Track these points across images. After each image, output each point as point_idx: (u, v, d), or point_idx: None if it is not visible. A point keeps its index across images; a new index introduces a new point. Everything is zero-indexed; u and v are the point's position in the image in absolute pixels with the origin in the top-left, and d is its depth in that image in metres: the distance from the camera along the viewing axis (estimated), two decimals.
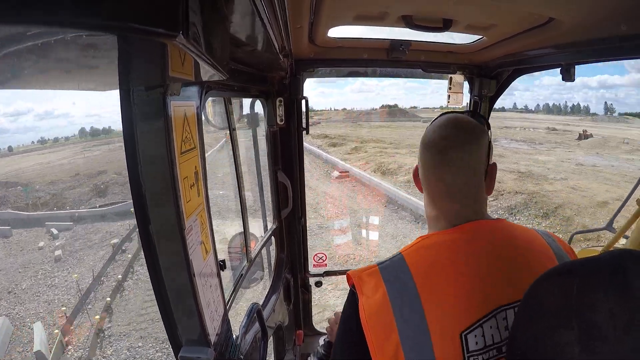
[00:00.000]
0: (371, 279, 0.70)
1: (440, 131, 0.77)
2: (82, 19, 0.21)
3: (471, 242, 0.71)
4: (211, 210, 0.76)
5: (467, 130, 0.76)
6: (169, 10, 0.26)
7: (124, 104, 0.53)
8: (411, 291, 0.66)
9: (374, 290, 0.68)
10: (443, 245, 0.72)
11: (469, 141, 0.75)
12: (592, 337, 0.46)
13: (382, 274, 0.70)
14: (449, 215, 0.76)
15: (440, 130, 0.77)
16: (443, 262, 0.69)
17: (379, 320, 0.65)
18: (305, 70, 1.56)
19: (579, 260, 0.50)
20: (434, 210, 0.80)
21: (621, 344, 0.47)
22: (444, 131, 0.77)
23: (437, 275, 0.68)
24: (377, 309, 0.66)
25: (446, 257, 0.70)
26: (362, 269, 0.74)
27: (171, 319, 0.67)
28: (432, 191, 0.79)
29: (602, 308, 0.46)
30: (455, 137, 0.75)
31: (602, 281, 0.47)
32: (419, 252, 0.73)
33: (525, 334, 0.49)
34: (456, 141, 0.75)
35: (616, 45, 0.85)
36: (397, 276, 0.69)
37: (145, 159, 0.55)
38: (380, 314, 0.66)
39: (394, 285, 0.68)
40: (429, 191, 0.80)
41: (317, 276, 2.03)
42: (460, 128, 0.76)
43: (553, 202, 10.35)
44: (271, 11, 0.61)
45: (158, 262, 0.62)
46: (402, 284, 0.67)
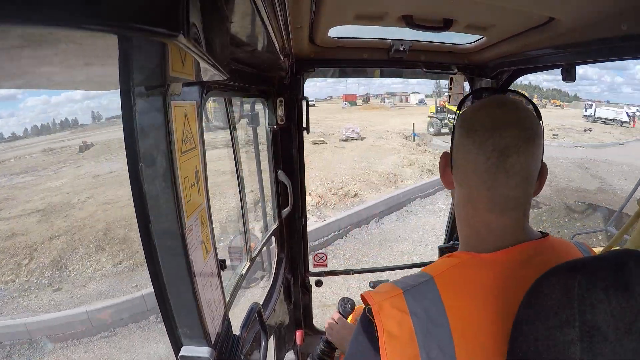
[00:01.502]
0: (394, 310, 0.56)
1: (497, 124, 0.58)
2: (82, 19, 0.21)
3: (523, 273, 0.56)
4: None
5: (531, 125, 0.58)
6: (170, 10, 0.26)
7: (124, 104, 0.53)
8: (443, 332, 0.53)
9: (399, 326, 0.55)
10: (489, 274, 0.58)
11: (533, 140, 0.58)
12: (593, 338, 0.46)
13: (407, 303, 0.56)
14: (496, 232, 0.61)
15: (497, 123, 0.58)
16: (486, 296, 0.55)
17: (400, 344, 0.54)
18: (305, 70, 1.56)
19: (581, 259, 0.50)
20: (474, 221, 0.63)
21: (622, 345, 0.46)
22: (505, 125, 0.58)
23: (477, 314, 0.55)
24: (401, 352, 0.54)
25: (490, 291, 0.56)
26: (382, 293, 0.60)
27: (171, 319, 0.67)
28: (476, 199, 0.62)
29: (604, 308, 0.46)
30: (519, 135, 0.57)
31: (604, 281, 0.47)
32: (454, 278, 0.59)
33: (526, 334, 0.49)
34: (519, 141, 0.57)
35: (616, 45, 0.85)
36: (427, 308, 0.55)
37: (146, 158, 0.55)
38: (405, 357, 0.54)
39: (422, 322, 0.55)
40: (471, 197, 0.63)
41: (317, 276, 2.03)
42: (524, 121, 0.58)
43: (97, 228, 8.04)
44: (271, 11, 0.61)
45: (158, 261, 0.62)
46: (433, 321, 0.54)
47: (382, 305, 0.57)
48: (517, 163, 0.57)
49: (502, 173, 0.58)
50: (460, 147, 0.62)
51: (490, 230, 0.61)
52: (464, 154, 0.62)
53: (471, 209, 0.63)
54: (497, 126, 0.58)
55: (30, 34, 0.21)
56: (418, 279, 0.60)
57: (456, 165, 0.64)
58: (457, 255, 0.63)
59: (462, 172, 0.63)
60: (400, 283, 0.61)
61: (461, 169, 0.63)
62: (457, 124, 0.64)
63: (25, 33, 0.21)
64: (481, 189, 0.61)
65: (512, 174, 0.58)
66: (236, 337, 0.86)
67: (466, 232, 0.66)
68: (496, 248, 0.60)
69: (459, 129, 0.63)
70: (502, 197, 0.60)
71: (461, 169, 0.63)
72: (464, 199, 0.65)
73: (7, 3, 0.18)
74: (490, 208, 0.61)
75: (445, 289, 0.57)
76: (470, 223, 0.64)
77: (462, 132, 0.62)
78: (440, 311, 0.55)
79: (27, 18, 0.18)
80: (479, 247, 0.62)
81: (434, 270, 0.60)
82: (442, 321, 0.54)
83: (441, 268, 0.61)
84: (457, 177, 0.65)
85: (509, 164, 0.57)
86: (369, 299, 0.60)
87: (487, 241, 0.61)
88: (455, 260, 0.61)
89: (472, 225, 0.64)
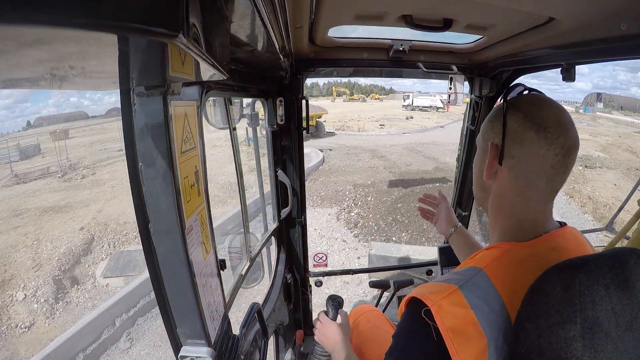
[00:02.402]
0: (455, 307, 0.54)
1: (566, 123, 0.62)
2: (82, 19, 0.21)
3: (554, 256, 0.58)
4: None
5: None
6: (170, 10, 0.26)
7: (124, 104, 0.53)
8: (504, 319, 0.54)
9: (463, 321, 0.53)
10: (532, 261, 0.59)
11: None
12: (594, 334, 0.46)
13: (467, 297, 0.55)
14: (537, 222, 0.65)
15: (566, 122, 0.62)
16: (532, 281, 0.56)
17: (468, 340, 0.53)
18: (305, 70, 1.56)
19: (582, 257, 0.51)
20: (519, 212, 0.65)
21: (623, 341, 0.47)
22: (571, 124, 0.63)
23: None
24: (469, 347, 0.53)
25: (534, 277, 0.56)
26: (436, 293, 0.57)
27: (171, 319, 0.67)
28: (530, 191, 0.64)
29: (605, 305, 0.47)
30: (577, 134, 0.63)
31: (605, 278, 0.47)
32: (502, 267, 0.59)
33: (528, 330, 0.49)
34: (578, 140, 0.63)
35: (616, 45, 0.85)
36: (486, 300, 0.55)
37: (146, 158, 0.55)
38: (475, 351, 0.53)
39: (485, 313, 0.54)
40: (525, 190, 0.64)
41: (317, 276, 2.03)
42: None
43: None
44: (271, 11, 0.61)
45: (158, 261, 0.62)
46: (494, 311, 0.54)
47: (441, 304, 0.55)
48: (573, 160, 0.62)
49: (562, 168, 0.62)
50: (525, 142, 0.62)
51: (533, 221, 0.65)
52: (528, 148, 0.62)
53: (521, 201, 0.65)
54: (566, 125, 0.62)
55: (30, 34, 0.21)
56: (469, 273, 0.59)
57: (512, 158, 0.64)
58: (497, 246, 0.64)
59: (521, 166, 0.63)
60: (452, 280, 0.59)
61: (522, 162, 0.63)
62: (516, 119, 0.63)
63: (25, 33, 0.21)
64: (540, 183, 0.63)
65: (569, 170, 0.63)
66: (236, 337, 0.86)
67: (505, 223, 0.68)
68: (534, 236, 0.63)
69: (523, 124, 0.62)
70: (554, 191, 0.64)
71: (522, 163, 0.63)
72: (514, 191, 0.65)
73: (7, 3, 0.17)
74: (540, 199, 0.64)
75: (497, 278, 0.57)
76: (513, 213, 0.66)
77: (527, 127, 0.62)
78: (498, 300, 0.55)
79: (27, 18, 0.18)
80: (516, 236, 0.64)
81: (480, 263, 0.61)
82: (501, 309, 0.55)
83: (487, 260, 0.61)
84: (512, 170, 0.64)
85: (569, 161, 0.62)
86: (425, 299, 0.56)
87: (527, 230, 0.64)
88: (498, 251, 0.63)
89: (516, 215, 0.66)
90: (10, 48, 0.22)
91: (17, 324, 5.02)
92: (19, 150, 16.42)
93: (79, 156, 15.56)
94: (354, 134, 20.70)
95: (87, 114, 64.94)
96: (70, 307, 5.43)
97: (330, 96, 65.65)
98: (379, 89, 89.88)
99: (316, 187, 9.52)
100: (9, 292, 5.69)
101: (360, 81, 78.74)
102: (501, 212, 0.69)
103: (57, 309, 5.36)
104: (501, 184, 0.67)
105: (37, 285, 5.78)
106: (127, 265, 6.16)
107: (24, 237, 7.55)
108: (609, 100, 59.61)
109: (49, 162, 14.47)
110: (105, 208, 8.91)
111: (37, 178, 12.50)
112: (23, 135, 24.52)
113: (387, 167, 11.88)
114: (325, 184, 9.80)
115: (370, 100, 59.93)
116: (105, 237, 7.33)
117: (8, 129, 70.22)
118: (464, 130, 1.98)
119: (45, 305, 5.40)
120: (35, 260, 6.56)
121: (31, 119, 59.81)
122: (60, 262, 6.40)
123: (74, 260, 6.53)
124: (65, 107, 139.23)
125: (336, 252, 6.21)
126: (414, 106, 38.91)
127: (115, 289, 5.59)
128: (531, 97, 0.67)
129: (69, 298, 5.63)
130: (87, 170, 13.16)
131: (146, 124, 0.53)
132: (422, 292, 0.59)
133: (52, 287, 5.73)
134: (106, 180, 11.69)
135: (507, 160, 0.65)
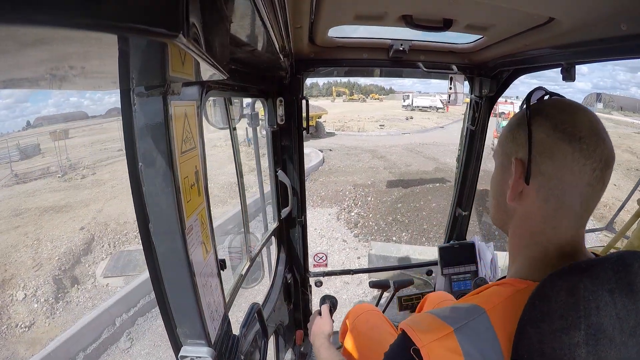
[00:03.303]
0: (447, 352, 0.50)
1: (600, 131, 0.53)
2: (82, 19, 0.21)
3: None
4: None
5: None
6: (170, 11, 0.26)
7: (124, 104, 0.53)
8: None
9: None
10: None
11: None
12: (598, 340, 0.45)
13: (461, 344, 0.50)
14: (565, 253, 0.55)
15: (600, 130, 0.53)
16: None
17: None
18: (305, 70, 1.56)
19: (586, 261, 0.50)
20: (547, 240, 0.56)
21: (628, 348, 0.46)
22: (605, 133, 0.53)
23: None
24: None
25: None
26: (430, 333, 0.52)
27: (171, 319, 0.67)
28: (561, 215, 0.54)
29: (609, 310, 0.46)
30: (611, 144, 0.53)
31: (609, 283, 0.47)
32: (509, 311, 0.52)
33: (531, 335, 0.49)
34: (613, 151, 0.53)
35: (616, 45, 0.85)
36: (482, 349, 0.50)
37: (146, 158, 0.55)
38: None
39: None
40: (556, 214, 0.54)
41: (317, 276, 2.03)
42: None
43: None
44: (271, 11, 0.61)
45: (158, 261, 0.62)
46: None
47: (432, 347, 0.51)
48: (610, 175, 0.53)
49: (600, 186, 0.53)
50: (556, 156, 0.52)
51: (561, 251, 0.55)
52: (561, 163, 0.52)
53: (549, 227, 0.55)
54: (602, 134, 0.52)
55: (30, 34, 0.21)
56: (469, 314, 0.53)
57: (542, 175, 0.54)
58: (510, 284, 0.56)
59: (552, 184, 0.53)
60: (449, 318, 0.53)
61: (553, 180, 0.53)
62: (544, 129, 0.53)
63: (25, 33, 0.21)
64: (575, 205, 0.53)
65: (605, 187, 0.53)
66: (236, 337, 0.86)
67: (529, 253, 0.58)
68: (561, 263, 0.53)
69: (553, 134, 0.52)
70: (588, 213, 0.54)
71: (553, 181, 0.53)
72: (542, 215, 0.55)
73: (7, 3, 0.17)
74: (572, 225, 0.54)
75: (500, 325, 0.51)
76: (539, 242, 0.56)
77: (558, 138, 0.52)
78: (497, 352, 0.50)
79: (27, 18, 0.18)
80: (538, 273, 0.54)
81: (486, 303, 0.54)
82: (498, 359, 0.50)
83: (494, 300, 0.54)
84: (541, 189, 0.54)
85: (607, 176, 0.53)
86: (415, 338, 0.52)
87: (552, 265, 0.53)
88: (509, 290, 0.55)
89: (542, 244, 0.56)
90: (10, 48, 0.23)
91: (17, 324, 5.02)
92: (19, 150, 16.43)
93: (79, 156, 15.58)
94: (354, 134, 20.76)
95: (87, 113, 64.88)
96: (70, 307, 5.43)
97: (330, 96, 65.72)
98: (378, 89, 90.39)
99: (316, 187, 9.52)
100: (9, 292, 5.69)
101: (360, 81, 79.15)
102: (524, 241, 0.58)
103: (57, 309, 5.36)
104: (528, 206, 0.56)
105: (37, 285, 5.78)
106: (127, 265, 6.17)
107: (24, 236, 7.55)
108: (608, 101, 59.60)
109: (49, 162, 14.47)
110: (106, 208, 8.91)
111: (37, 178, 12.51)
112: (23, 135, 24.54)
113: (387, 167, 11.88)
114: (325, 184, 9.80)
115: (370, 100, 60.19)
116: (105, 237, 7.34)
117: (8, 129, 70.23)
118: (464, 130, 1.98)
119: (46, 304, 5.40)
120: (35, 259, 6.56)
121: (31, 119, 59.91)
122: (60, 261, 6.40)
123: (74, 259, 6.53)
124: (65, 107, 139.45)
125: (336, 252, 6.20)
126: (413, 106, 39.00)
127: (116, 288, 5.59)
128: (557, 102, 0.57)
129: (69, 298, 5.63)
130: (87, 170, 13.17)
131: (146, 124, 0.53)
132: (414, 327, 0.54)
133: (52, 287, 5.73)
134: (106, 180, 11.69)
135: (536, 179, 0.54)
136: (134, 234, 7.26)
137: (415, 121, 27.99)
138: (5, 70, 0.29)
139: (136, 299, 5.11)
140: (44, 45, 0.23)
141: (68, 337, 4.31)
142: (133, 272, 5.93)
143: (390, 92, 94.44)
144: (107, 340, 4.53)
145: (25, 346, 4.65)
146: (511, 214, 0.60)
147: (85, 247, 6.98)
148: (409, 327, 0.55)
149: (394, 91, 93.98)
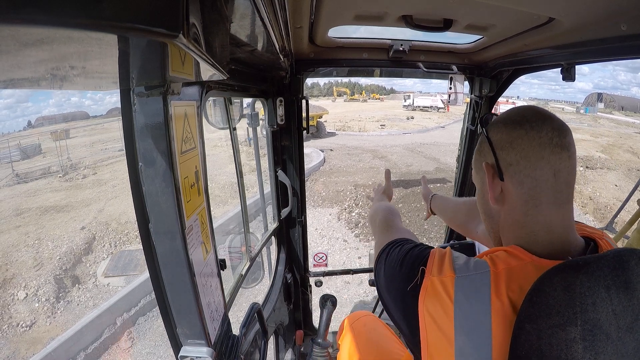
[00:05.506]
0: (442, 293, 0.56)
1: (542, 113, 0.60)
2: (82, 19, 0.21)
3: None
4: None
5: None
6: (170, 11, 0.26)
7: (124, 104, 0.53)
8: (483, 335, 0.52)
9: (442, 310, 0.55)
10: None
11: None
12: (595, 336, 0.46)
13: (456, 291, 0.55)
14: (555, 232, 0.58)
15: (544, 112, 0.60)
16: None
17: (438, 328, 0.55)
18: (305, 70, 1.57)
19: (583, 258, 0.50)
20: (531, 221, 0.58)
21: (624, 343, 0.47)
22: (549, 113, 0.60)
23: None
24: (437, 337, 0.55)
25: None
26: (439, 268, 0.58)
27: (171, 319, 0.67)
28: (540, 192, 0.57)
29: (605, 307, 0.46)
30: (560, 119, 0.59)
31: (606, 279, 0.47)
32: (510, 279, 0.54)
33: (528, 332, 0.49)
34: (564, 123, 0.59)
35: (616, 45, 0.85)
36: (473, 304, 0.54)
37: (146, 158, 0.55)
38: (442, 328, 0.54)
39: (464, 317, 0.53)
40: (534, 193, 0.57)
41: (317, 276, 2.03)
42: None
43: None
44: (271, 11, 0.61)
45: (158, 261, 0.62)
46: (475, 320, 0.53)
47: (433, 280, 0.57)
48: (571, 142, 0.58)
49: (565, 153, 0.56)
50: (515, 141, 0.58)
51: (550, 231, 0.58)
52: (521, 145, 0.58)
53: (532, 207, 0.58)
54: (546, 113, 0.59)
55: (31, 34, 0.21)
56: (477, 266, 0.56)
57: (510, 165, 0.59)
58: (518, 254, 0.57)
59: (521, 167, 0.58)
60: (457, 264, 0.58)
61: (521, 163, 0.58)
62: (497, 130, 0.61)
63: (26, 33, 0.21)
64: (547, 177, 0.56)
65: (572, 153, 0.57)
66: (236, 337, 0.86)
67: (517, 234, 0.61)
68: (547, 252, 0.57)
69: (505, 129, 0.60)
70: (566, 186, 0.57)
71: (521, 163, 0.58)
72: (523, 199, 0.58)
73: (7, 3, 0.18)
74: (552, 200, 0.57)
75: (498, 288, 0.54)
76: (525, 224, 0.59)
77: (511, 128, 0.59)
78: (486, 312, 0.53)
79: (27, 18, 0.18)
80: (534, 247, 0.57)
81: (494, 264, 0.56)
82: (485, 325, 0.52)
83: (501, 264, 0.56)
84: (514, 177, 0.59)
85: (567, 143, 0.57)
86: (429, 263, 0.59)
87: (543, 243, 0.57)
88: (516, 261, 0.56)
89: (528, 226, 0.59)
90: (11, 48, 0.23)
91: (18, 323, 5.03)
92: (20, 150, 16.45)
93: (80, 156, 15.61)
94: (355, 134, 20.75)
95: (88, 113, 64.94)
96: (71, 306, 5.44)
97: (330, 96, 65.73)
98: (379, 88, 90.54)
99: (317, 187, 9.52)
100: (10, 291, 5.70)
101: (360, 81, 79.16)
102: (512, 225, 0.61)
103: (58, 308, 5.37)
104: (510, 201, 0.60)
105: (39, 285, 5.79)
106: (128, 265, 6.17)
107: (25, 236, 7.57)
108: (609, 101, 59.57)
109: (50, 161, 14.50)
110: (106, 208, 8.92)
111: (38, 178, 12.52)
112: (24, 135, 24.60)
113: (388, 167, 11.89)
114: (326, 184, 9.81)
115: (371, 100, 60.30)
116: (106, 237, 7.34)
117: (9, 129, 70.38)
118: (464, 130, 1.98)
119: (47, 304, 5.40)
120: (36, 259, 6.57)
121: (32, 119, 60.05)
122: (61, 261, 6.41)
123: (75, 259, 6.54)
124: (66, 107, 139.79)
125: (337, 252, 6.21)
126: (414, 106, 39.15)
127: (117, 288, 5.60)
128: (500, 113, 0.67)
129: (70, 297, 5.63)
130: (88, 170, 13.19)
131: (146, 124, 0.54)
132: (432, 256, 0.61)
133: (54, 286, 5.74)
134: (107, 179, 11.71)
135: (507, 170, 0.59)
136: (134, 234, 7.27)
137: (416, 121, 27.99)
138: (6, 70, 0.29)
139: (137, 298, 5.12)
140: (45, 45, 0.24)
141: (69, 337, 4.32)
142: (134, 271, 5.94)
143: (392, 92, 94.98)
144: (107, 339, 4.54)
145: (27, 345, 4.66)
146: (498, 217, 0.64)
147: (86, 246, 6.98)
148: (434, 253, 0.61)
149: (395, 91, 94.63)
